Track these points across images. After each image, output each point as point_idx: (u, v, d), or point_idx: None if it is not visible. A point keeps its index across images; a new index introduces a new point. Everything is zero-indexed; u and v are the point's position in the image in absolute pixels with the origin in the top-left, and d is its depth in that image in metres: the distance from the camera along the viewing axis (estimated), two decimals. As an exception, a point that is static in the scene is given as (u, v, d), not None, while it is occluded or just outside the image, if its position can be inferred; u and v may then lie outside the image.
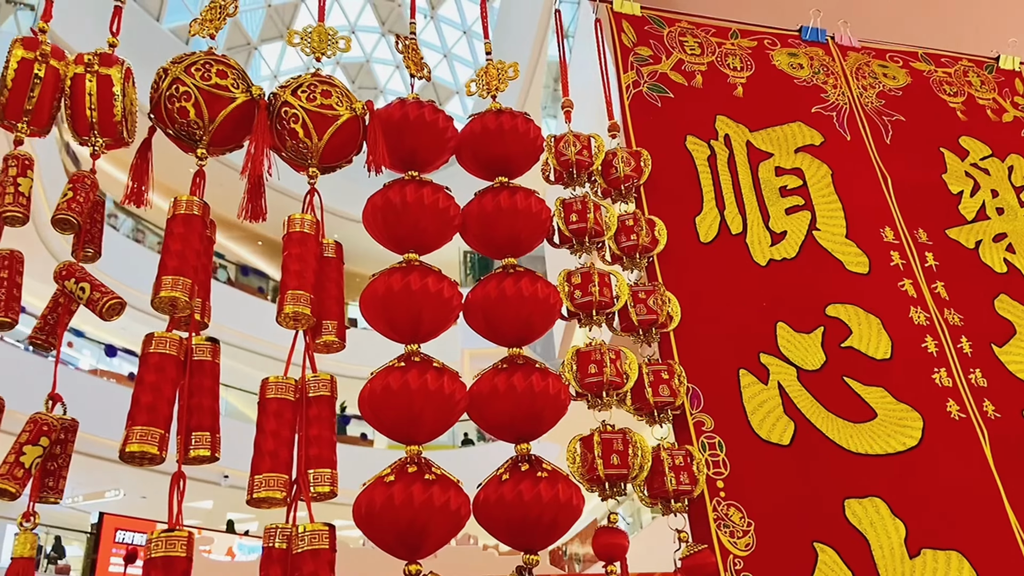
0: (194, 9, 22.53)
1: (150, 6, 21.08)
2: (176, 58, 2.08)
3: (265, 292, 22.71)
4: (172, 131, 2.07)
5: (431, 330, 2.07)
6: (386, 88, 26.61)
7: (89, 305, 1.82)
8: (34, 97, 1.96)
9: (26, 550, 1.63)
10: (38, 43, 1.99)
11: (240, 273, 23.26)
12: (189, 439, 1.82)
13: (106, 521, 15.94)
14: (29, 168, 1.91)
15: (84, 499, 18.69)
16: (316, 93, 2.12)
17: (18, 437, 1.66)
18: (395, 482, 1.82)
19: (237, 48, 24.41)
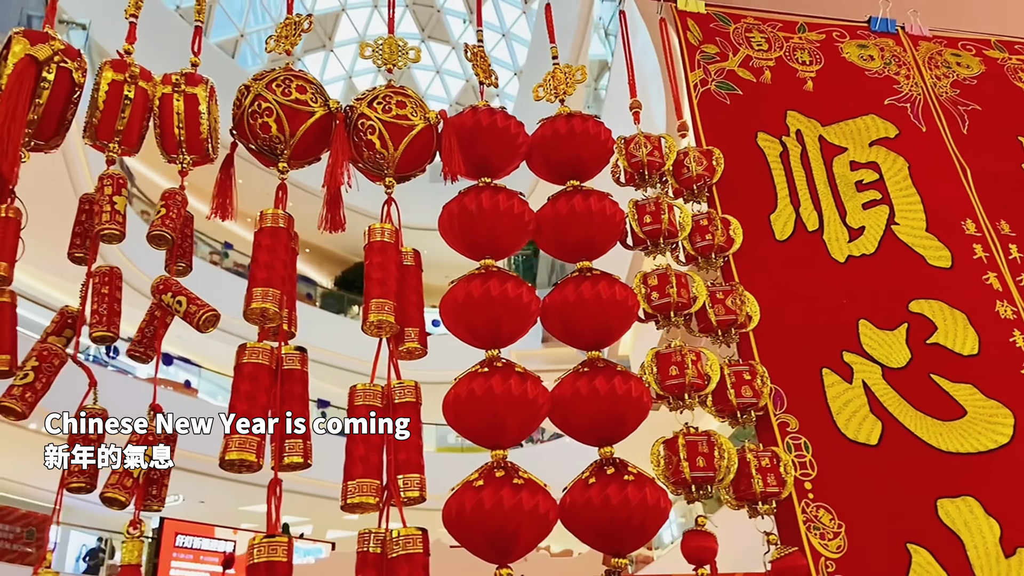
0: (239, 23, 23.01)
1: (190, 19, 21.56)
2: (257, 75, 2.13)
3: (313, 298, 23.06)
4: (254, 146, 2.12)
5: (510, 335, 2.08)
6: (426, 94, 26.82)
7: (186, 318, 1.87)
8: (124, 117, 2.02)
9: (134, 557, 1.69)
10: (126, 65, 2.06)
11: (291, 277, 23.55)
12: (283, 446, 1.86)
13: (167, 525, 16.35)
14: (123, 187, 1.97)
15: None
16: (391, 104, 2.16)
17: (123, 448, 1.72)
18: (484, 487, 1.83)
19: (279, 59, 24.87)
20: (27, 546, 19.66)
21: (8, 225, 1.87)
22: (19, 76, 1.87)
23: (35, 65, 1.90)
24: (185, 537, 17.37)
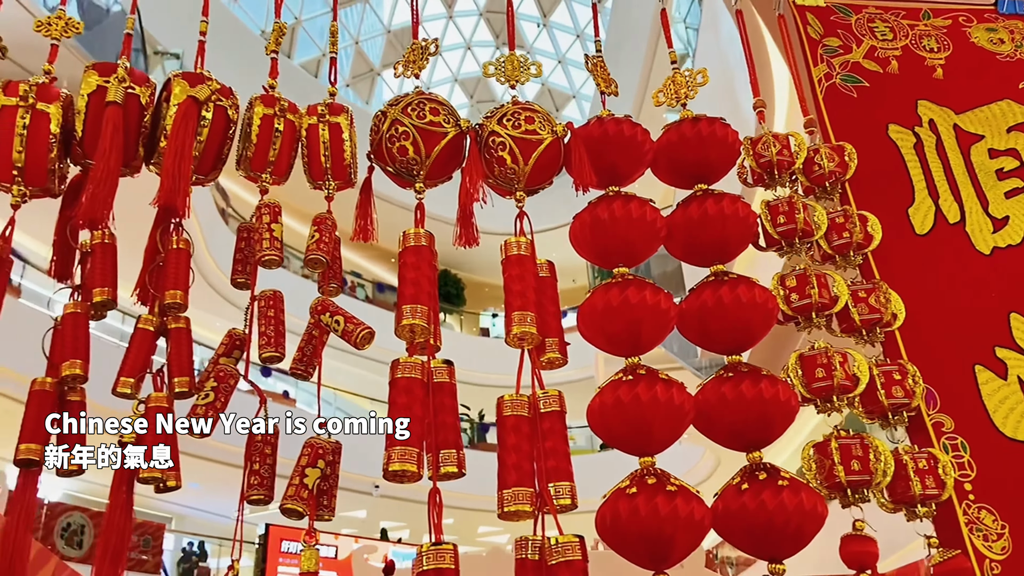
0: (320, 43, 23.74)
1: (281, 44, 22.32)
2: (392, 101, 2.22)
3: (393, 307, 23.55)
4: (392, 169, 2.21)
5: (649, 342, 2.10)
6: (503, 100, 26.98)
7: (344, 336, 1.97)
8: (276, 149, 2.14)
9: (312, 565, 1.78)
10: (275, 99, 2.18)
11: (376, 290, 24.23)
12: (438, 457, 1.93)
13: (272, 532, 16.97)
14: (279, 214, 2.09)
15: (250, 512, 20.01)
16: (520, 120, 2.21)
17: (298, 460, 1.82)
18: (638, 494, 1.85)
19: (361, 76, 25.53)
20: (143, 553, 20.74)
21: (180, 256, 2.01)
22: (184, 116, 2.01)
23: (196, 105, 2.04)
24: (289, 543, 17.98)
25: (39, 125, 1.99)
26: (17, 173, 1.99)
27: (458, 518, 22.83)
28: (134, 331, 1.94)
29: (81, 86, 2.04)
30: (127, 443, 1.81)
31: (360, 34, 24.49)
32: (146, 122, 2.08)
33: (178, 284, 1.96)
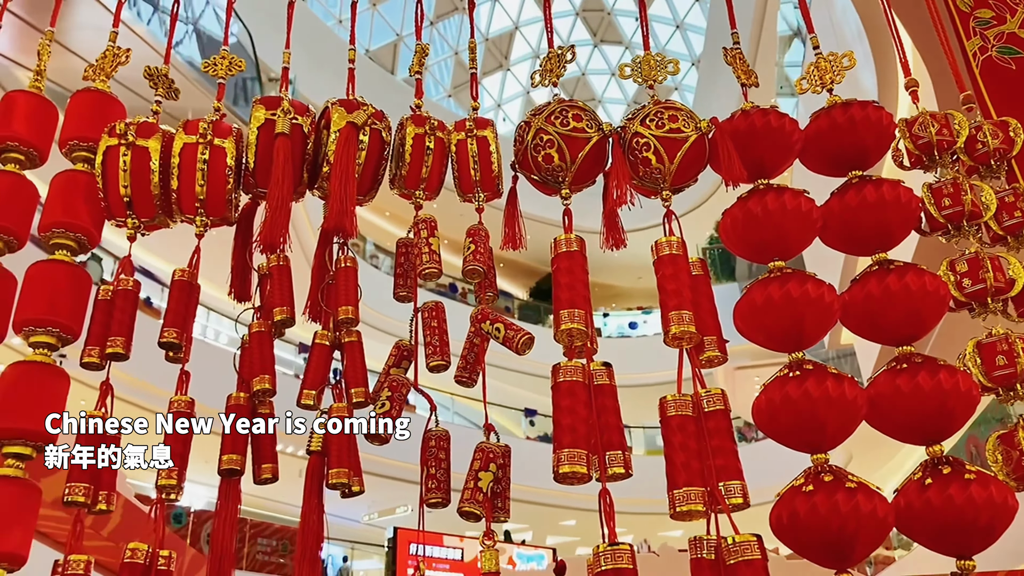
0: (422, 58, 24.30)
1: (384, 61, 23.10)
2: (534, 110, 2.26)
3: (511, 311, 23.81)
4: (538, 177, 2.26)
5: (813, 336, 2.05)
6: (603, 98, 26.90)
7: (505, 342, 2.03)
8: (428, 166, 2.23)
9: (492, 565, 1.84)
10: (425, 119, 2.27)
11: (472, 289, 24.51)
12: (604, 458, 1.95)
13: (400, 535, 17.49)
14: (435, 229, 2.18)
15: (379, 515, 20.71)
16: (664, 119, 2.20)
17: (471, 465, 1.89)
18: (815, 492, 1.82)
19: (462, 85, 25.98)
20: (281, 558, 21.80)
21: (349, 274, 2.13)
22: (345, 141, 2.12)
23: (355, 130, 2.15)
24: (413, 545, 18.48)
25: (217, 159, 2.15)
26: (199, 205, 2.16)
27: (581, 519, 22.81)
28: (312, 346, 2.07)
29: (251, 120, 2.19)
30: (315, 451, 1.93)
31: (459, 44, 24.94)
32: (309, 150, 2.22)
33: (349, 300, 2.07)
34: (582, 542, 24.66)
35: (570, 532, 23.66)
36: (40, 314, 1.98)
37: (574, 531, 23.79)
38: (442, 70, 25.58)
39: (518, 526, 23.25)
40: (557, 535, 23.51)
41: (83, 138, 2.20)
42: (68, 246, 2.11)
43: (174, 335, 2.03)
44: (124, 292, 2.09)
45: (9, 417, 1.84)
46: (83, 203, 2.13)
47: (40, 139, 2.23)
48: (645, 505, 21.10)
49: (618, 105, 26.76)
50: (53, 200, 2.13)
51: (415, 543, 17.93)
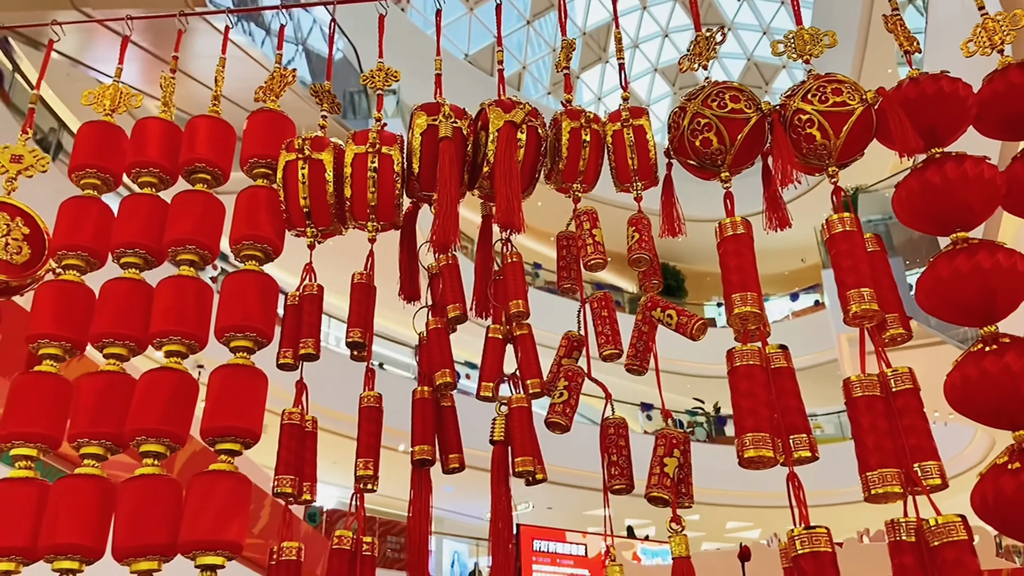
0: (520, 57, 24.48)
1: (483, 64, 23.37)
2: (689, 94, 2.25)
3: (622, 304, 23.64)
4: (695, 162, 2.24)
5: (1005, 308, 1.95)
6: (706, 82, 26.18)
7: (679, 329, 2.03)
8: (585, 159, 2.26)
9: (683, 550, 1.84)
10: (579, 112, 2.30)
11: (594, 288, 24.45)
12: (788, 441, 1.92)
13: (523, 531, 17.68)
14: (597, 220, 2.20)
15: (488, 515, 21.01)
16: (827, 93, 2.14)
17: (655, 451, 1.90)
18: (1022, 469, 1.73)
19: (559, 82, 25.94)
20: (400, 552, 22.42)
21: (516, 269, 2.18)
22: (507, 140, 2.18)
23: (514, 128, 2.20)
24: (541, 542, 18.65)
25: (385, 166, 2.26)
26: (371, 211, 2.27)
27: (704, 514, 22.41)
28: (486, 340, 2.13)
29: (413, 127, 2.29)
30: (497, 441, 2.00)
31: (556, 41, 24.93)
32: (468, 151, 2.29)
33: (519, 294, 2.13)
34: (707, 537, 24.20)
35: (694, 527, 23.28)
36: (238, 320, 2.13)
37: (698, 526, 23.38)
38: (540, 69, 25.66)
39: (641, 521, 23.01)
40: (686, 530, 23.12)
41: (262, 155, 2.35)
42: (256, 256, 2.26)
43: (359, 335, 2.15)
44: (310, 296, 2.23)
45: (221, 416, 2.00)
46: (266, 216, 2.28)
47: (222, 159, 2.40)
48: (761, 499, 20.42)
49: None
50: (240, 215, 2.28)
51: (538, 539, 18.10)
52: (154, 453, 2.01)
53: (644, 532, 22.35)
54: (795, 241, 21.34)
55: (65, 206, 2.31)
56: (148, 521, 1.91)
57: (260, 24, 18.45)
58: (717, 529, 24.89)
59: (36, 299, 2.20)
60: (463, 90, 2.47)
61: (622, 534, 22.77)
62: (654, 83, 26.54)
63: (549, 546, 21.01)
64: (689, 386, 20.43)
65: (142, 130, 2.41)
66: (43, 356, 2.16)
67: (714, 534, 24.83)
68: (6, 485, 1.99)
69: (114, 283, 2.20)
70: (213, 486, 1.92)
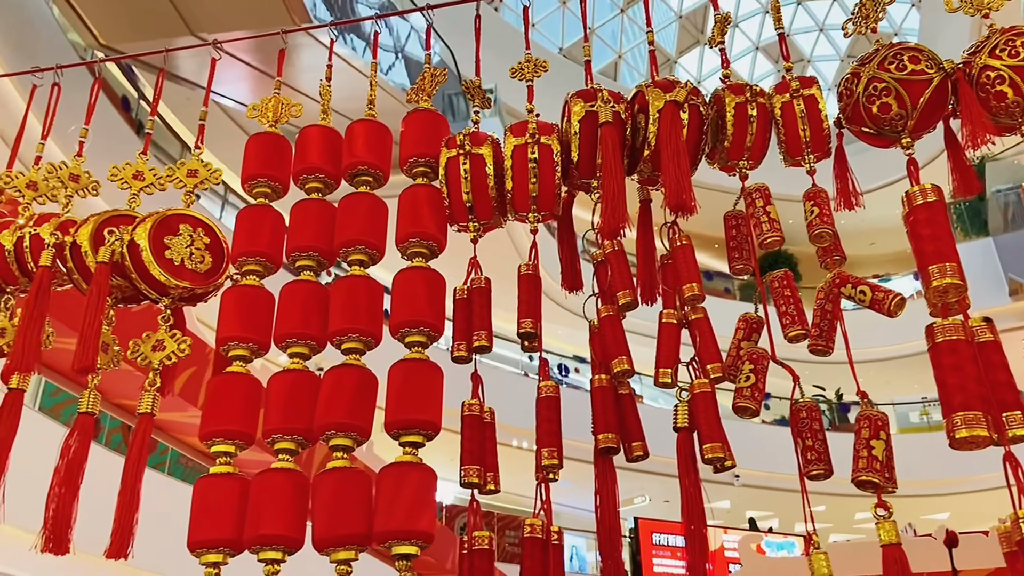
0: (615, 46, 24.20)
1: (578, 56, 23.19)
2: (862, 58, 2.14)
3: (731, 292, 23.02)
4: (871, 130, 2.13)
5: None
6: (813, 56, 25.19)
7: (873, 305, 1.93)
8: (752, 134, 2.19)
9: (892, 537, 1.75)
10: (743, 87, 2.22)
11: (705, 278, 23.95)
12: (1000, 417, 1.79)
13: (641, 525, 17.50)
14: (770, 197, 2.12)
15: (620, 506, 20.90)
16: (1017, 46, 1.99)
17: (859, 434, 1.82)
18: None
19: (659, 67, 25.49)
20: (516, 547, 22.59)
21: (686, 252, 2.14)
22: (671, 121, 2.13)
23: (677, 108, 2.15)
24: (660, 535, 18.40)
25: (545, 157, 2.25)
26: (532, 202, 2.27)
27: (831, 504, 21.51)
28: (660, 326, 2.10)
29: (570, 115, 2.27)
30: (682, 428, 1.95)
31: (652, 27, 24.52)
32: (627, 135, 2.25)
33: (691, 277, 2.08)
34: (834, 528, 23.28)
35: (820, 518, 22.40)
36: (411, 316, 2.17)
37: (824, 517, 22.52)
38: (636, 57, 25.29)
39: (763, 513, 22.38)
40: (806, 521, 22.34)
41: (420, 154, 2.39)
42: (422, 253, 2.30)
43: (530, 325, 2.15)
44: (479, 290, 2.25)
45: (405, 409, 2.04)
46: (428, 213, 2.32)
47: (382, 161, 2.46)
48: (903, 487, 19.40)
49: (830, 62, 24.95)
50: (404, 214, 2.33)
51: (657, 532, 17.88)
52: (343, 447, 2.08)
53: (767, 524, 21.72)
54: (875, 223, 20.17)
55: (242, 215, 2.42)
56: (345, 512, 1.97)
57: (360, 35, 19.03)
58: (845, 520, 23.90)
59: (222, 305, 2.32)
60: (559, 84, 2.45)
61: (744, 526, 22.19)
62: (756, 62, 25.69)
63: (668, 539, 20.72)
64: (808, 372, 19.73)
65: (305, 138, 2.50)
66: (233, 357, 2.27)
67: (842, 525, 23.86)
68: (210, 481, 2.10)
69: (293, 286, 2.29)
70: (404, 478, 1.96)
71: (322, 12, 15.79)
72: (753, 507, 22.21)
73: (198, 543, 2.03)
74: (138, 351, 2.32)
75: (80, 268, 2.40)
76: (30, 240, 2.44)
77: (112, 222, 2.42)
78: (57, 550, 2.14)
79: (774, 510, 21.10)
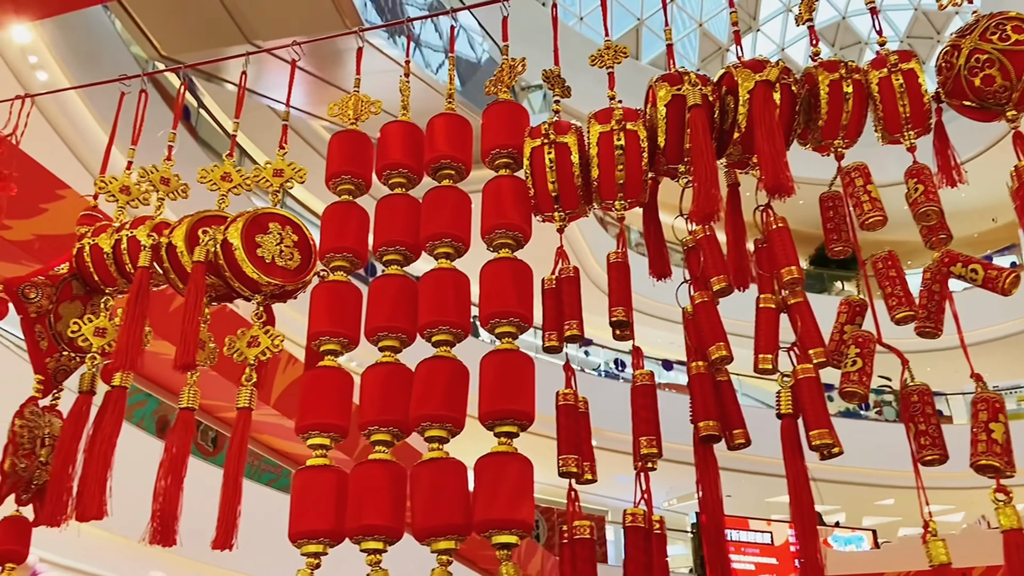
0: (665, 37, 23.92)
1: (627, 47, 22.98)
2: (960, 31, 2.06)
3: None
4: (973, 103, 2.05)
5: None
6: (870, 38, 24.46)
7: (986, 284, 1.86)
8: (848, 112, 2.12)
9: (1014, 522, 1.68)
10: (837, 64, 2.16)
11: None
12: None
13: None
14: (870, 175, 2.06)
15: (678, 501, 20.66)
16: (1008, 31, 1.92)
17: (975, 417, 1.75)
18: None
19: (711, 57, 25.10)
20: (590, 543, 22.30)
21: (783, 234, 2.09)
22: (764, 101, 2.09)
23: (769, 88, 2.10)
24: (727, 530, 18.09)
25: (632, 143, 2.22)
26: (619, 189, 2.24)
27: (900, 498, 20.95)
28: (758, 311, 2.05)
29: (657, 99, 2.24)
30: (786, 415, 1.91)
31: (702, 15, 24.17)
32: (715, 118, 2.21)
33: (790, 260, 2.03)
34: (904, 522, 22.66)
35: (889, 512, 21.85)
36: (500, 307, 2.17)
37: (893, 510, 21.91)
38: (687, 46, 24.94)
39: (830, 507, 21.90)
40: (874, 515, 21.80)
41: (503, 145, 2.38)
42: (508, 244, 2.29)
43: (622, 313, 2.13)
44: (568, 279, 2.24)
45: (500, 400, 2.04)
46: (512, 204, 2.31)
47: (464, 154, 2.46)
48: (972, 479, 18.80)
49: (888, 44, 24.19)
50: (488, 206, 2.33)
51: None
52: (438, 438, 2.09)
53: (834, 518, 21.24)
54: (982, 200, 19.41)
55: (328, 212, 2.45)
56: (444, 502, 1.98)
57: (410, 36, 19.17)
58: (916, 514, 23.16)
59: (313, 301, 2.35)
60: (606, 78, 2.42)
61: (810, 522, 21.61)
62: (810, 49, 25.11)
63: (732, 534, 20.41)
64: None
65: (387, 134, 2.52)
66: (324, 352, 2.30)
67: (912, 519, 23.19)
68: (310, 473, 2.13)
69: (382, 280, 2.31)
70: (504, 468, 1.96)
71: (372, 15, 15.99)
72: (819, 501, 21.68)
73: (299, 534, 2.07)
74: (234, 347, 2.38)
75: (176, 268, 2.46)
76: (127, 242, 2.52)
77: (205, 222, 2.48)
78: (165, 542, 2.20)
79: (840, 504, 20.62)
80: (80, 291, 2.62)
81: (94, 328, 2.46)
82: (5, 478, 2.33)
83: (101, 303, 2.61)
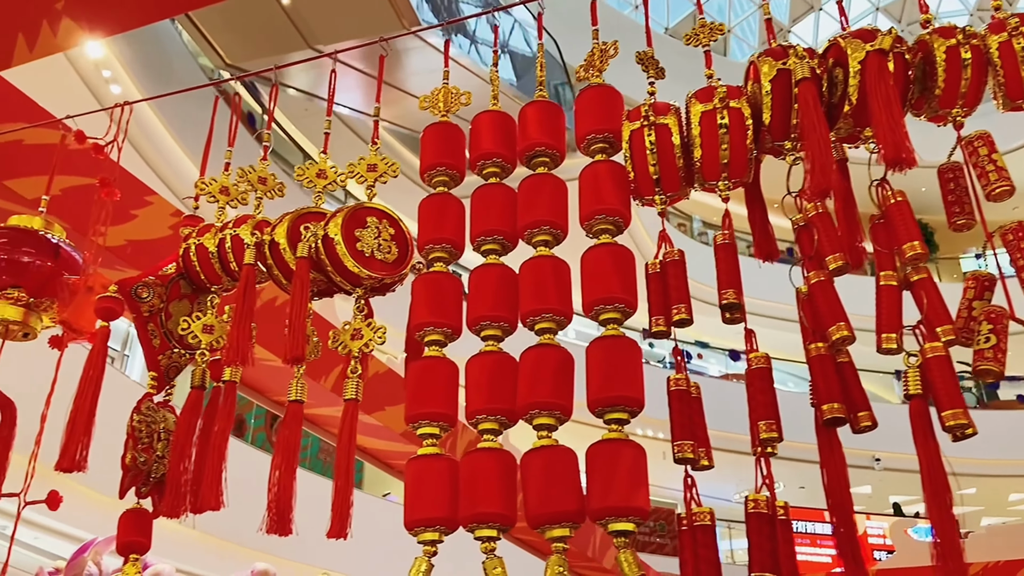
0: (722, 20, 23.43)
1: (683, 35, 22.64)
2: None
3: (860, 268, 21.94)
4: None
5: None
6: (939, 12, 23.58)
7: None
8: (967, 79, 2.03)
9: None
10: (953, 29, 2.07)
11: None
12: None
13: (779, 512, 16.88)
14: (994, 144, 1.97)
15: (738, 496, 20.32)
16: None
17: None
18: None
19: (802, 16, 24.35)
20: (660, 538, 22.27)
21: (903, 208, 2.01)
22: (878, 71, 2.00)
23: (882, 56, 2.02)
24: (798, 523, 17.76)
25: (736, 121, 2.17)
26: (723, 169, 2.19)
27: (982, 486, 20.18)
28: (879, 288, 1.98)
29: (761, 75, 2.18)
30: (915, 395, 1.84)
31: (760, -2, 23.57)
32: (824, 91, 2.14)
33: (912, 235, 1.95)
34: (987, 512, 21.86)
35: (971, 501, 21.07)
36: (604, 293, 2.15)
37: (975, 500, 21.13)
38: (745, 30, 24.42)
39: (907, 498, 21.23)
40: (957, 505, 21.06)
41: (599, 130, 2.35)
42: (608, 230, 2.26)
43: (732, 296, 2.08)
44: (673, 263, 2.20)
45: (609, 387, 2.02)
46: (611, 189, 2.28)
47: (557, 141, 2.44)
48: (1064, 469, 17.91)
49: (958, 17, 23.26)
50: (586, 192, 2.30)
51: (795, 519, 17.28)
52: (547, 426, 2.08)
53: (913, 509, 20.62)
54: None
55: (425, 204, 2.46)
56: (557, 490, 1.97)
57: (466, 34, 19.26)
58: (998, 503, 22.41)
59: (414, 292, 2.36)
60: (666, 65, 2.37)
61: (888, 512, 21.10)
62: (877, 22, 24.27)
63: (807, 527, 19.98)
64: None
65: (478, 125, 2.51)
66: (428, 343, 2.31)
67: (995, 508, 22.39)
68: (423, 462, 2.14)
69: (483, 270, 2.31)
70: (617, 454, 1.94)
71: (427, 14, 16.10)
72: (896, 492, 21.08)
73: (416, 522, 2.08)
74: (338, 341, 2.41)
75: (279, 264, 2.50)
76: (231, 241, 2.57)
77: (305, 218, 2.52)
78: (281, 531, 2.25)
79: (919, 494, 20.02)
80: (187, 290, 2.70)
81: (202, 325, 2.53)
82: (126, 472, 2.41)
83: (207, 301, 2.68)
